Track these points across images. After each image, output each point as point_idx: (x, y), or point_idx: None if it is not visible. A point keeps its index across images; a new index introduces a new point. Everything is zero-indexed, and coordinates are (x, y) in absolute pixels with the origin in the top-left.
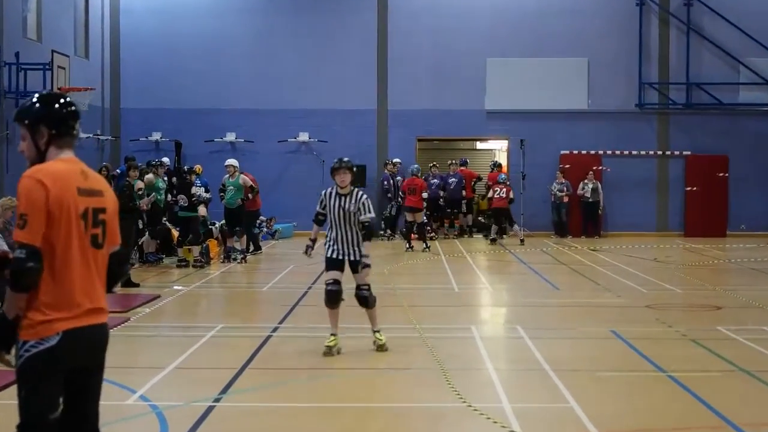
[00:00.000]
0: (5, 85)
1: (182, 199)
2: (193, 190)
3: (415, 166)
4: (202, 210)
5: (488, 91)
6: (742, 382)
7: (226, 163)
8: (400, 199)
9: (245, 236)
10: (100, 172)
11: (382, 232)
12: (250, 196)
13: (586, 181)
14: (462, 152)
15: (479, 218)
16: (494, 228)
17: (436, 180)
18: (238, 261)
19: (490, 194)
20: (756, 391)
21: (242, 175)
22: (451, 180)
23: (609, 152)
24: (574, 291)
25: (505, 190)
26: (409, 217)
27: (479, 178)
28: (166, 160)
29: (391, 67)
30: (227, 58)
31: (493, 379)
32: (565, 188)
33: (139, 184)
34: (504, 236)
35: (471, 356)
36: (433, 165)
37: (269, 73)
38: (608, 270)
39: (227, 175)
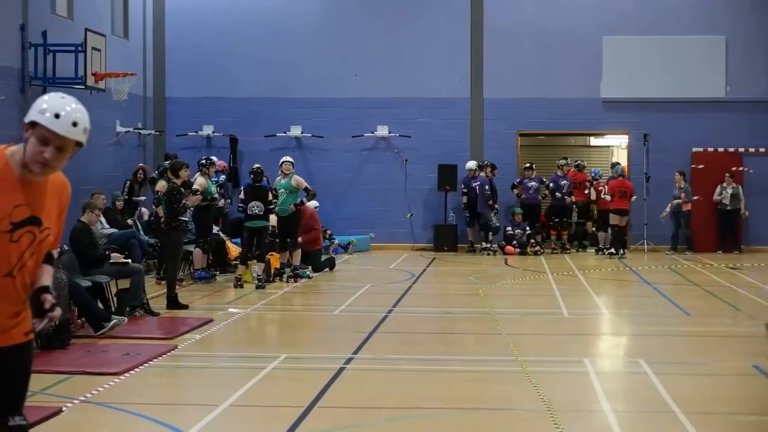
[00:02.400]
0: (30, 70)
1: (257, 207)
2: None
3: (621, 166)
4: (273, 219)
5: (604, 76)
6: None
7: (282, 160)
8: (608, 197)
9: (299, 251)
10: (135, 174)
11: (484, 244)
12: (304, 200)
13: (724, 184)
14: (572, 149)
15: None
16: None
17: (534, 183)
18: (287, 280)
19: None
20: None
21: (297, 176)
22: (563, 183)
23: (751, 150)
24: (709, 318)
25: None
26: (616, 220)
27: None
28: (214, 158)
29: (487, 48)
30: (292, 40)
31: (611, 423)
32: (684, 193)
33: (201, 182)
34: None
35: (584, 395)
36: (529, 166)
37: (341, 56)
38: (750, 293)
39: (279, 177)
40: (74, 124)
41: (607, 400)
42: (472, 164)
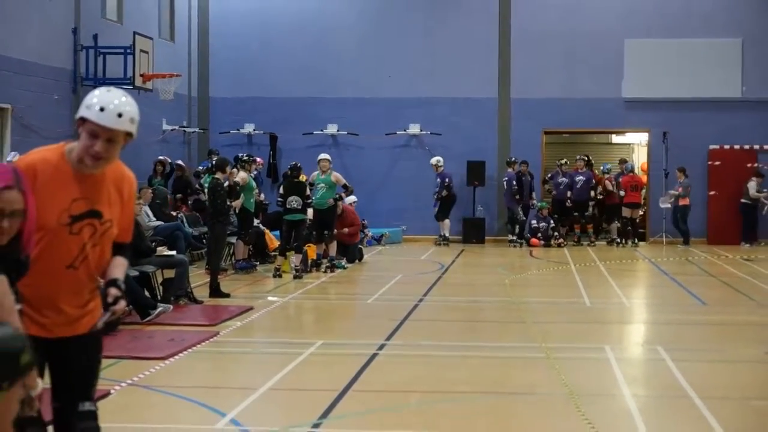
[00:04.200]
0: (82, 71)
1: (296, 201)
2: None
3: (630, 163)
4: (309, 213)
5: (626, 76)
6: None
7: (320, 157)
8: (621, 193)
9: (335, 243)
10: (155, 167)
11: (511, 237)
12: (342, 195)
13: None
14: (596, 146)
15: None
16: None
17: (564, 179)
18: (323, 270)
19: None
20: None
21: (335, 172)
22: (579, 178)
23: (766, 147)
24: (725, 307)
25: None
26: (627, 213)
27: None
28: (249, 155)
29: (514, 49)
30: (329, 42)
31: (630, 408)
32: (680, 188)
33: (243, 177)
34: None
35: (604, 381)
36: (564, 162)
37: (376, 57)
38: (765, 283)
39: (317, 172)
40: (119, 116)
41: (627, 385)
42: (434, 160)
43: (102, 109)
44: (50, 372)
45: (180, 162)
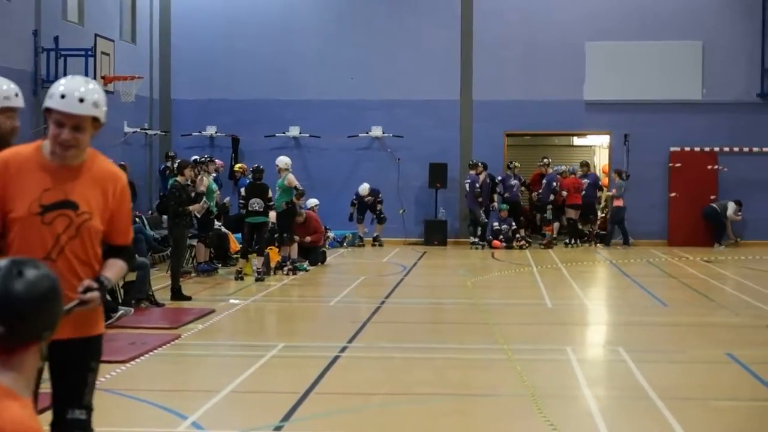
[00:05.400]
0: (43, 73)
1: (257, 203)
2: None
3: (571, 166)
4: (272, 215)
5: (588, 79)
6: None
7: (277, 160)
8: (563, 196)
9: (295, 245)
10: None
11: (473, 239)
12: (294, 199)
13: None
14: (557, 149)
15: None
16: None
17: (515, 181)
18: (285, 273)
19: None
20: None
21: (290, 175)
22: (584, 181)
23: (726, 149)
24: (685, 308)
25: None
26: (572, 214)
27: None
28: (205, 156)
29: (476, 52)
30: (292, 44)
31: (591, 409)
32: (615, 189)
33: (204, 182)
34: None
35: (566, 382)
36: (515, 164)
37: (339, 59)
38: (725, 284)
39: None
40: (81, 101)
41: (588, 386)
42: (363, 188)
43: (63, 96)
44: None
45: (123, 163)
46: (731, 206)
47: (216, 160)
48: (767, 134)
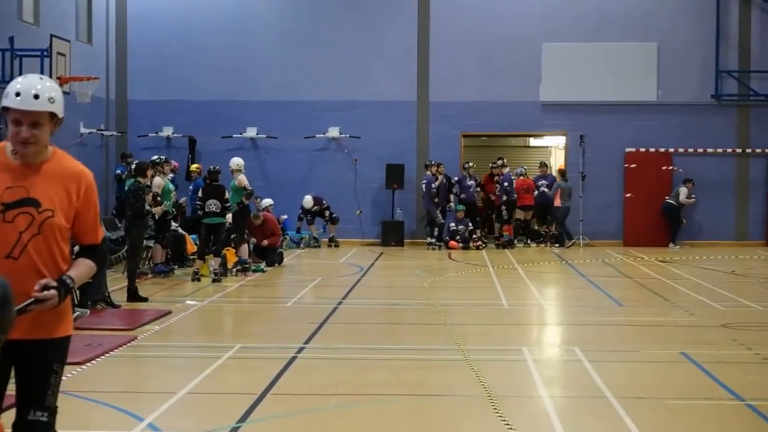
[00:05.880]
0: None
1: (214, 204)
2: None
3: (521, 168)
4: (229, 216)
5: (544, 80)
6: None
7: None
8: (513, 197)
9: (245, 246)
10: None
11: (430, 240)
12: (244, 200)
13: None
14: (514, 149)
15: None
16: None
17: (472, 182)
18: (234, 273)
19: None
20: None
21: (241, 176)
22: (542, 182)
23: (681, 150)
24: (640, 308)
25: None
26: (521, 214)
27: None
28: (161, 157)
29: (433, 52)
30: (249, 45)
31: (547, 408)
32: (559, 189)
33: (158, 182)
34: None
35: (522, 382)
36: (471, 165)
37: (296, 60)
38: (679, 284)
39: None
40: (36, 97)
41: (544, 386)
42: (306, 201)
43: (18, 94)
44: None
45: None
46: (683, 191)
47: (171, 161)
48: (721, 135)
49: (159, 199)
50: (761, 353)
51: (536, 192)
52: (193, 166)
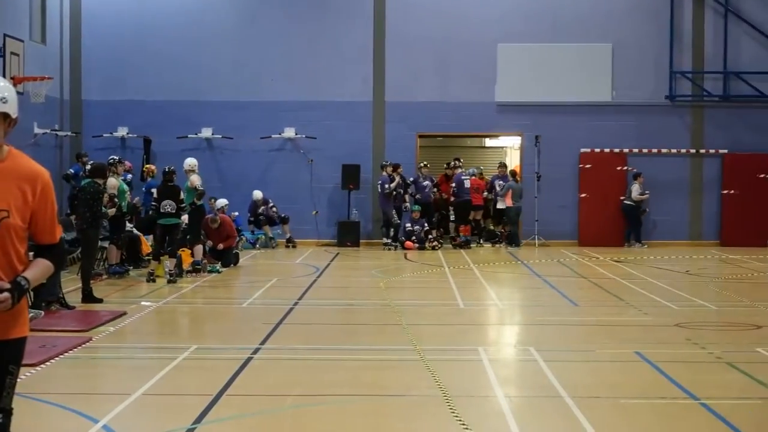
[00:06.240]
0: None
1: (170, 205)
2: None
3: (474, 168)
4: (185, 217)
5: (499, 81)
6: None
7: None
8: (464, 198)
9: (200, 247)
10: None
11: (385, 240)
12: (196, 200)
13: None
14: (470, 150)
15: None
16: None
17: (427, 182)
18: (186, 275)
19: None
20: None
21: (194, 176)
22: (499, 182)
23: (635, 150)
24: (595, 308)
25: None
26: (474, 215)
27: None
28: (114, 158)
29: (389, 53)
30: (205, 45)
31: (503, 408)
32: (508, 190)
33: (112, 183)
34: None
35: (478, 382)
36: (424, 165)
37: (252, 61)
38: (634, 284)
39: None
40: None
41: (500, 386)
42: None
43: None
44: None
45: None
46: (635, 188)
47: (125, 162)
48: (675, 136)
49: (116, 200)
50: (715, 352)
51: (485, 193)
52: (148, 167)
